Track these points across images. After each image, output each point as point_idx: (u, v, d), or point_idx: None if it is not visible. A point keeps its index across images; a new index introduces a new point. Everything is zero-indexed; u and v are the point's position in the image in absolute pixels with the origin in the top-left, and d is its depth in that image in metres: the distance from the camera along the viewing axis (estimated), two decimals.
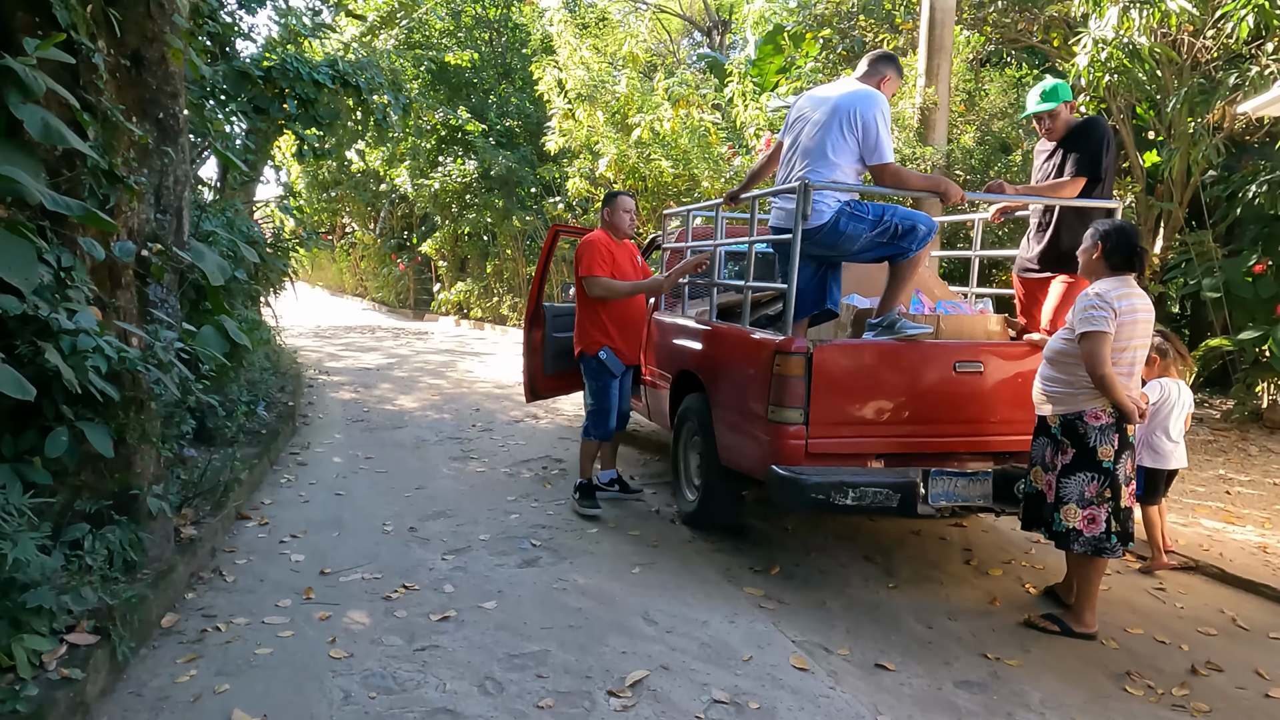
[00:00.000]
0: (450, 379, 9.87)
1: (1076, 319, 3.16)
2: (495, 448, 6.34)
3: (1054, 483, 3.28)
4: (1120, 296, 3.12)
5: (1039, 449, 3.38)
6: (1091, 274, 3.28)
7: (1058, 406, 3.26)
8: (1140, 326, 3.15)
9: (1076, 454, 3.21)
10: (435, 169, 15.41)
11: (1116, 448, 3.17)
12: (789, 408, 3.45)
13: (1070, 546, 3.23)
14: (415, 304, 20.75)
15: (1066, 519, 3.23)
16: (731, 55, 13.74)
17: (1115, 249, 3.19)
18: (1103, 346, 3.07)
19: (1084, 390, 3.18)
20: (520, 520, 4.57)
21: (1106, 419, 3.16)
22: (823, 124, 3.51)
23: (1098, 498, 3.18)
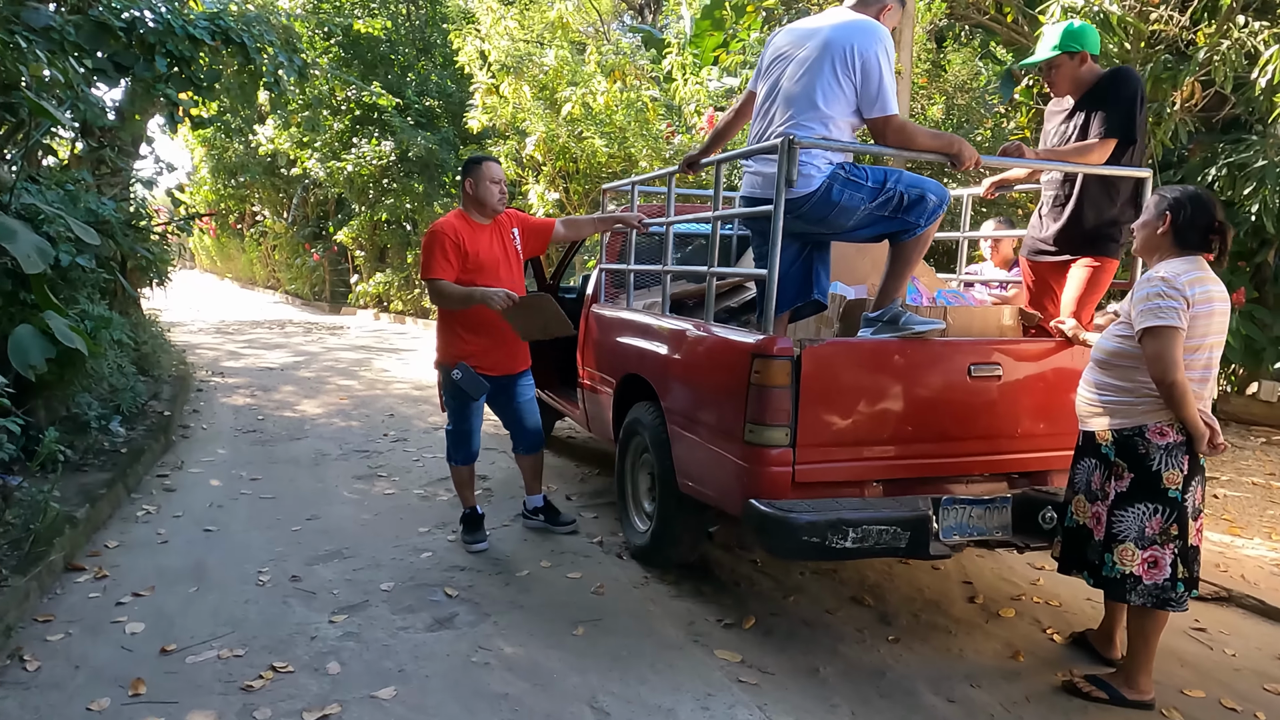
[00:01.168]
0: (363, 379, 8.87)
1: (1137, 311, 2.50)
2: (408, 463, 5.45)
3: (1104, 516, 2.63)
4: (1194, 281, 2.48)
5: (1084, 473, 2.73)
6: (1153, 252, 2.63)
7: (1114, 420, 2.60)
8: (1217, 320, 2.51)
9: (1135, 480, 2.56)
10: (349, 150, 14.22)
11: (1186, 472, 2.53)
12: (771, 426, 2.71)
13: (1125, 597, 2.58)
14: (331, 296, 19.41)
15: (1122, 562, 2.57)
16: (666, 33, 12.98)
17: (1190, 222, 2.54)
18: (1174, 346, 2.42)
19: (1146, 399, 2.53)
20: (433, 561, 3.73)
21: (1174, 436, 2.52)
22: (811, 64, 2.76)
23: (1161, 535, 2.54)
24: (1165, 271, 2.50)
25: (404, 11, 15.56)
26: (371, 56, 14.67)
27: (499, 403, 3.93)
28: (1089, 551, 2.69)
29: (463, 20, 11.56)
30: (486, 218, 3.78)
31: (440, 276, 3.58)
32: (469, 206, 3.78)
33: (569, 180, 9.92)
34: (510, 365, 3.88)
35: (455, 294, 3.55)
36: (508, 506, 4.51)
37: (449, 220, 3.72)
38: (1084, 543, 2.71)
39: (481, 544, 3.85)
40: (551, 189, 9.78)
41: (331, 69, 13.15)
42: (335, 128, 14.66)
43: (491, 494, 4.77)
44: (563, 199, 9.88)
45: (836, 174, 2.77)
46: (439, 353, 3.83)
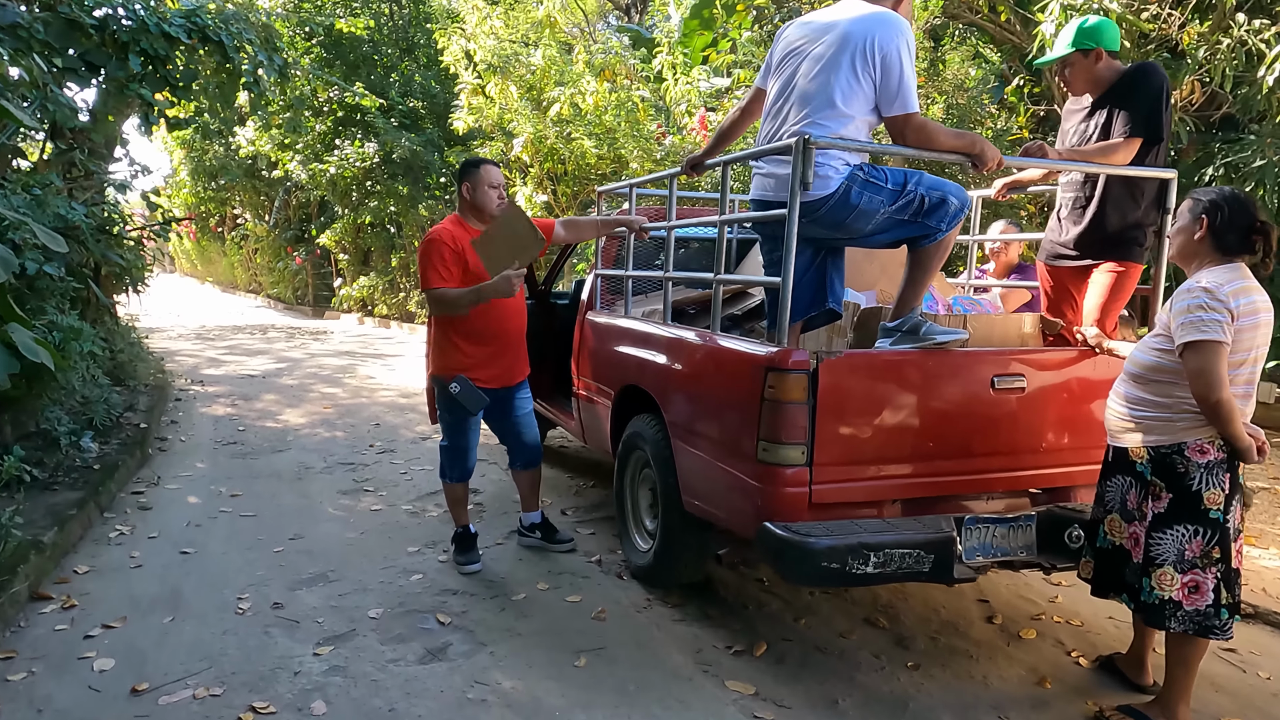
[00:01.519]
0: (348, 387, 8.65)
1: (1178, 323, 2.34)
2: (396, 476, 5.25)
3: (1142, 537, 2.48)
4: (1238, 292, 2.32)
5: (1117, 491, 2.58)
6: (1191, 260, 2.48)
7: (1149, 436, 2.45)
8: (1263, 332, 2.36)
9: (1174, 500, 2.41)
10: (331, 152, 13.98)
11: (1227, 491, 2.39)
12: (787, 444, 2.54)
13: (1165, 624, 2.43)
14: (314, 301, 19.12)
15: (1160, 587, 2.42)
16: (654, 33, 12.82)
17: (1228, 225, 2.39)
18: (1218, 361, 2.27)
19: (1185, 415, 2.39)
20: (424, 584, 3.54)
21: (1215, 453, 2.37)
22: (828, 60, 2.59)
23: (1203, 558, 2.39)
24: (1208, 281, 2.34)
25: (387, 11, 15.33)
26: (354, 57, 14.44)
27: (495, 417, 3.74)
28: (1128, 574, 2.54)
29: (447, 20, 11.35)
30: (485, 224, 3.60)
31: (439, 285, 3.39)
32: (466, 212, 3.60)
33: (557, 182, 9.74)
34: (509, 377, 3.70)
35: (461, 296, 3.35)
36: (501, 523, 4.33)
37: (445, 227, 3.53)
38: (1122, 564, 2.56)
39: (475, 565, 3.66)
40: (540, 191, 9.60)
41: (313, 70, 12.91)
42: (318, 129, 14.42)
43: (484, 510, 4.58)
44: (551, 201, 9.70)
45: (855, 175, 2.60)
46: (434, 364, 3.64)
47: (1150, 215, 3.08)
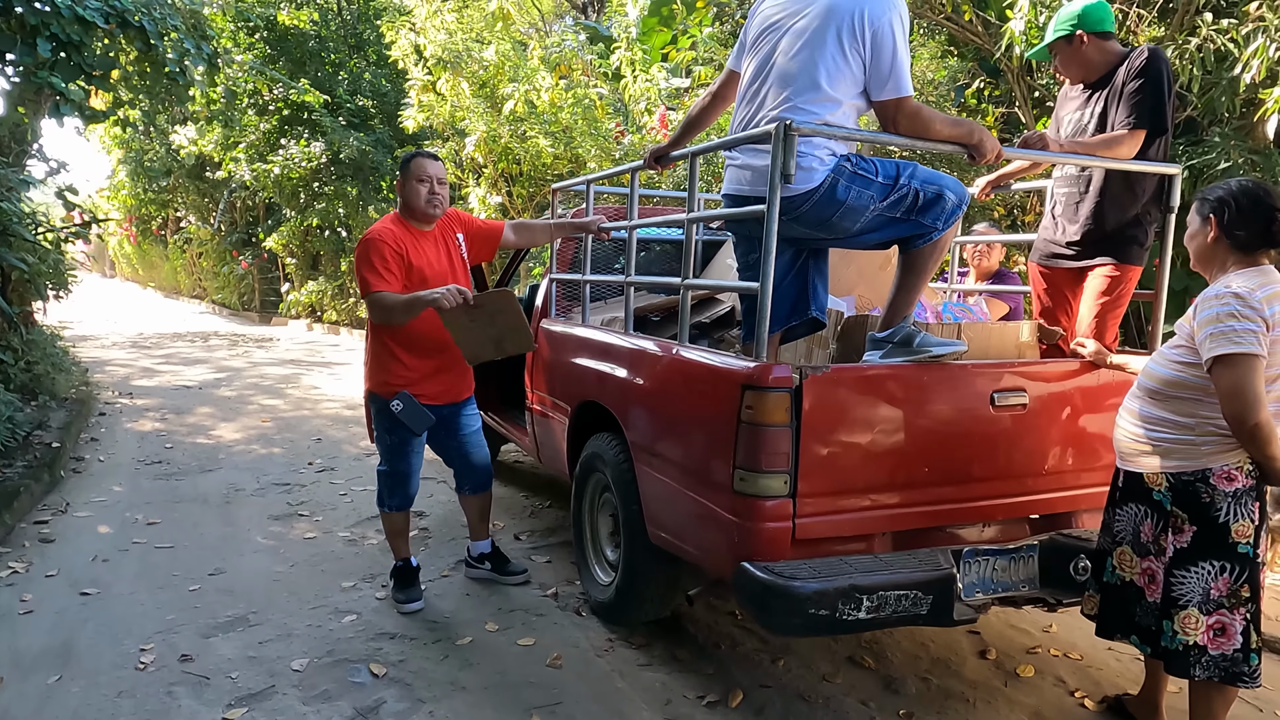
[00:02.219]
0: (290, 398, 8.16)
1: (1205, 334, 2.07)
2: (335, 498, 4.83)
3: (1160, 574, 2.22)
4: (1271, 298, 2.06)
5: (1129, 521, 2.31)
6: (1211, 265, 2.23)
7: (1168, 461, 2.19)
8: None
9: (1199, 533, 2.15)
10: (276, 152, 13.39)
11: (1256, 522, 2.13)
12: (767, 473, 2.23)
13: (1190, 672, 2.17)
14: (261, 306, 18.41)
15: (1184, 631, 2.16)
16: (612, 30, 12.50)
17: (1242, 220, 2.14)
18: (1255, 377, 2.00)
19: (1211, 438, 2.13)
20: (357, 627, 3.15)
21: (1243, 480, 2.11)
22: (811, 35, 2.29)
23: (1231, 598, 2.13)
24: (1237, 286, 2.08)
25: (334, 7, 14.78)
26: (299, 53, 13.86)
27: (440, 437, 3.37)
28: (1140, 614, 2.28)
29: (396, 14, 10.89)
30: (423, 222, 3.24)
31: (379, 289, 3.01)
32: (404, 210, 3.24)
33: (512, 183, 9.36)
34: (455, 392, 3.33)
35: (398, 303, 2.98)
36: (448, 550, 3.96)
37: (384, 226, 3.16)
38: (1132, 603, 2.30)
39: (416, 604, 3.29)
40: (494, 192, 9.21)
41: (255, 65, 12.34)
42: (262, 128, 13.81)
43: (429, 535, 4.19)
44: (505, 203, 9.31)
45: (842, 167, 2.30)
46: (370, 380, 3.26)
47: (1151, 212, 2.85)
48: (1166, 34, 6.65)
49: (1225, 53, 6.17)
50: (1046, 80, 8.31)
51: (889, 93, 2.28)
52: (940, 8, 8.66)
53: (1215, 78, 6.71)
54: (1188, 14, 6.74)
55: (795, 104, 2.29)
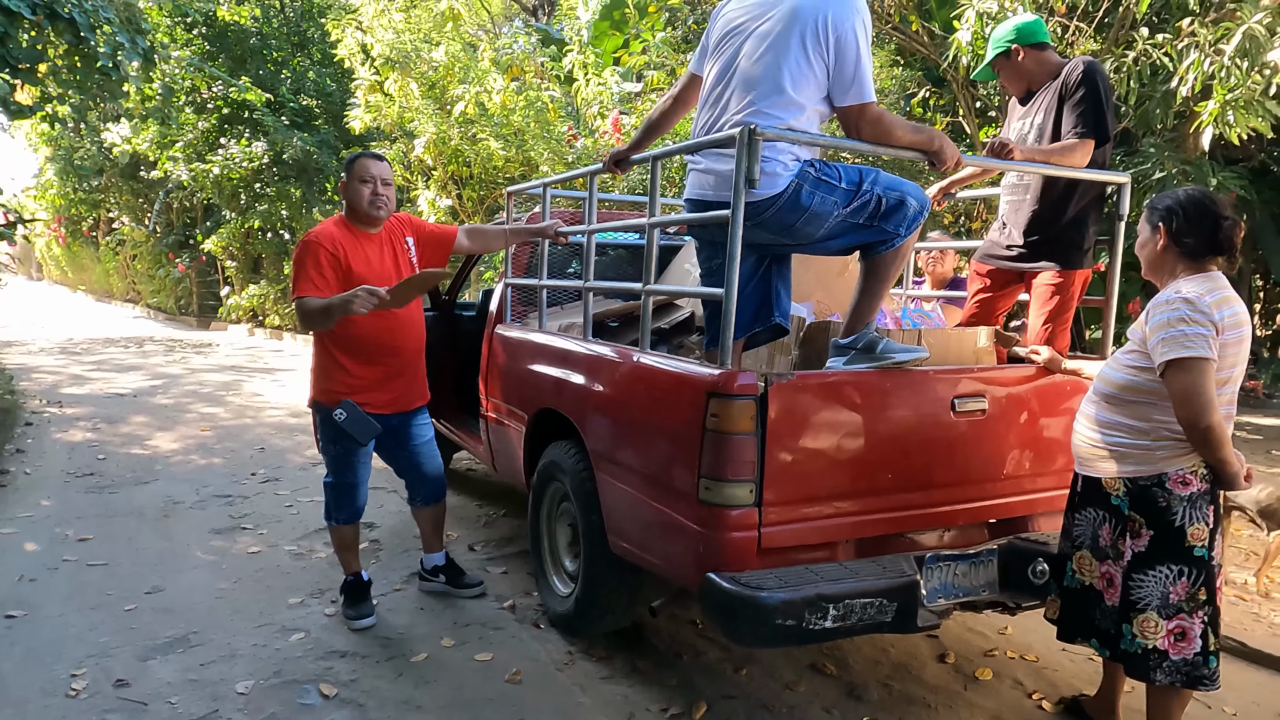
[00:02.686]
0: (231, 406, 7.89)
1: (1157, 339, 2.11)
2: (280, 509, 4.67)
3: (1118, 578, 2.25)
4: (1221, 303, 2.12)
5: (1088, 525, 2.35)
6: (1161, 273, 2.28)
7: (1125, 466, 2.22)
8: (1245, 346, 2.16)
9: (1156, 537, 2.19)
10: (216, 151, 12.98)
11: (1211, 525, 2.18)
12: (733, 482, 2.20)
13: (1150, 676, 2.20)
14: (199, 311, 17.82)
15: (1143, 634, 2.20)
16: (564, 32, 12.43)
17: (1189, 228, 2.19)
18: (1206, 381, 2.04)
19: (1166, 443, 2.17)
20: (306, 645, 3.03)
21: (1198, 484, 2.16)
22: (775, 38, 2.27)
23: (1189, 601, 2.17)
24: (1188, 292, 2.12)
25: (277, 3, 14.41)
26: (240, 50, 13.48)
27: (390, 448, 3.27)
28: (1099, 617, 2.31)
29: (342, 12, 10.65)
30: (369, 225, 3.13)
31: (307, 294, 2.90)
32: (348, 211, 3.13)
33: (463, 186, 9.22)
34: (405, 402, 3.23)
35: (316, 309, 2.85)
36: (401, 563, 3.84)
37: (325, 228, 3.05)
38: (1092, 607, 2.33)
39: (367, 619, 3.17)
40: (444, 195, 9.06)
41: (194, 62, 11.95)
42: (200, 126, 13.38)
43: (380, 547, 4.07)
44: (456, 206, 9.17)
45: (806, 173, 2.29)
46: (314, 389, 3.15)
47: (1090, 216, 2.91)
48: (1104, 47, 6.87)
49: (1160, 66, 6.39)
50: (989, 91, 8.51)
51: (852, 98, 2.27)
52: (888, 17, 8.81)
53: (1150, 90, 6.94)
54: (1124, 28, 6.97)
55: (759, 108, 2.27)
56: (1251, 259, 12.13)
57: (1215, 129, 5.52)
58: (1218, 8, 6.24)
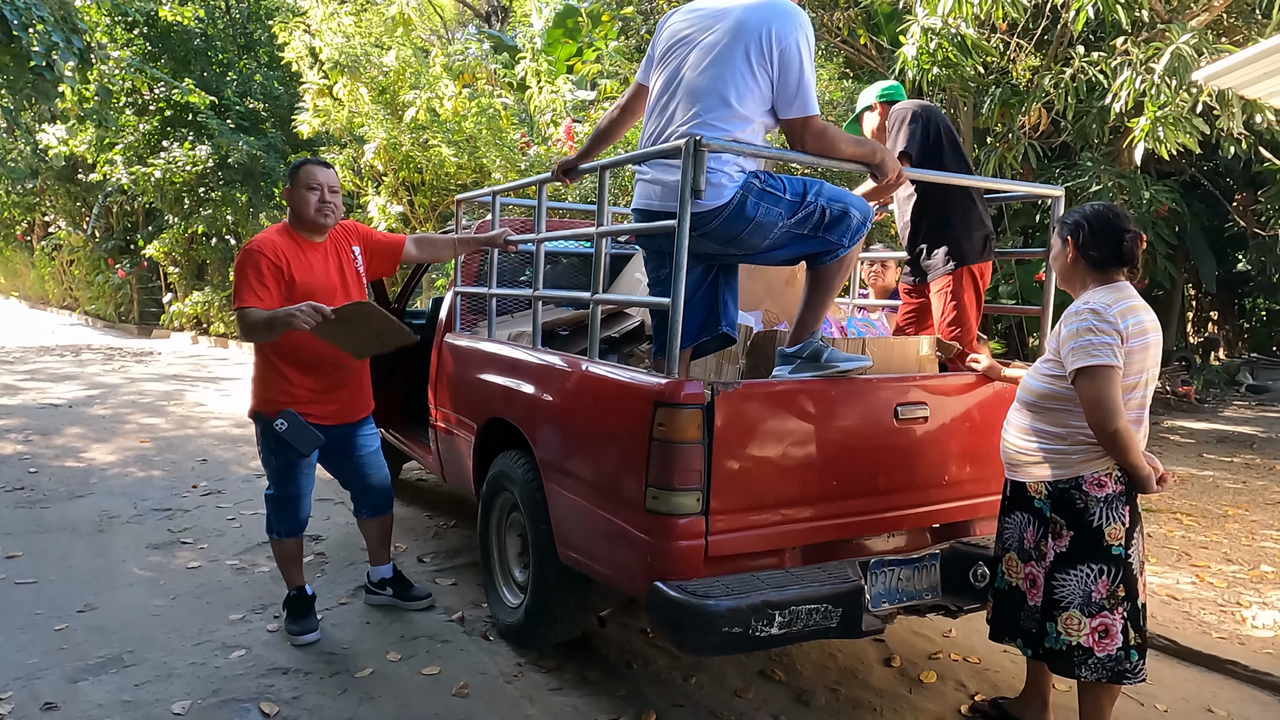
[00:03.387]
0: (173, 416, 7.67)
1: (1067, 348, 2.22)
2: (222, 523, 4.55)
3: (1041, 579, 2.34)
4: (1126, 312, 2.23)
5: (1014, 528, 2.43)
6: (1073, 283, 2.39)
7: (1045, 470, 2.32)
8: (1152, 353, 2.27)
9: (1076, 537, 2.28)
10: (157, 154, 12.64)
11: (1128, 525, 2.27)
12: (680, 490, 2.20)
13: (1075, 672, 2.28)
14: (140, 318, 17.28)
15: (1067, 632, 2.28)
16: (517, 39, 12.38)
17: (1094, 241, 2.30)
18: (1113, 388, 2.15)
19: (1081, 447, 2.26)
20: (247, 662, 2.95)
21: (1113, 486, 2.26)
22: (720, 51, 2.29)
23: (1109, 599, 2.25)
24: (1095, 303, 2.24)
25: (222, 4, 14.11)
26: (183, 51, 13.16)
27: (334, 459, 3.22)
28: (1023, 618, 2.39)
29: (290, 15, 10.47)
30: (314, 233, 3.08)
31: (249, 305, 2.84)
32: (293, 219, 3.07)
33: (414, 192, 9.12)
34: (349, 412, 3.18)
35: (259, 321, 2.79)
36: (347, 576, 3.77)
37: (267, 237, 2.99)
38: (1017, 607, 2.41)
39: (311, 635, 3.11)
40: (395, 201, 8.95)
41: (134, 62, 11.62)
42: (141, 129, 13.02)
43: (325, 560, 3.99)
44: (407, 212, 9.06)
45: (751, 184, 2.31)
46: (255, 399, 3.08)
47: (951, 218, 3.05)
48: (1043, 64, 7.08)
49: (1096, 83, 6.61)
50: (937, 103, 8.70)
51: (796, 111, 2.31)
52: (837, 31, 8.97)
53: (1087, 106, 7.18)
54: (1062, 46, 7.19)
55: (704, 120, 2.29)
56: (1184, 269, 12.63)
57: (1147, 144, 5.74)
58: (1149, 28, 6.49)
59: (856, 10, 8.65)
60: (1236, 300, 16.50)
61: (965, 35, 6.20)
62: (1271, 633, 3.40)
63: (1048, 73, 6.92)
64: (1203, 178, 10.91)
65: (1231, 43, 6.25)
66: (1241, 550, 4.49)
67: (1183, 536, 4.69)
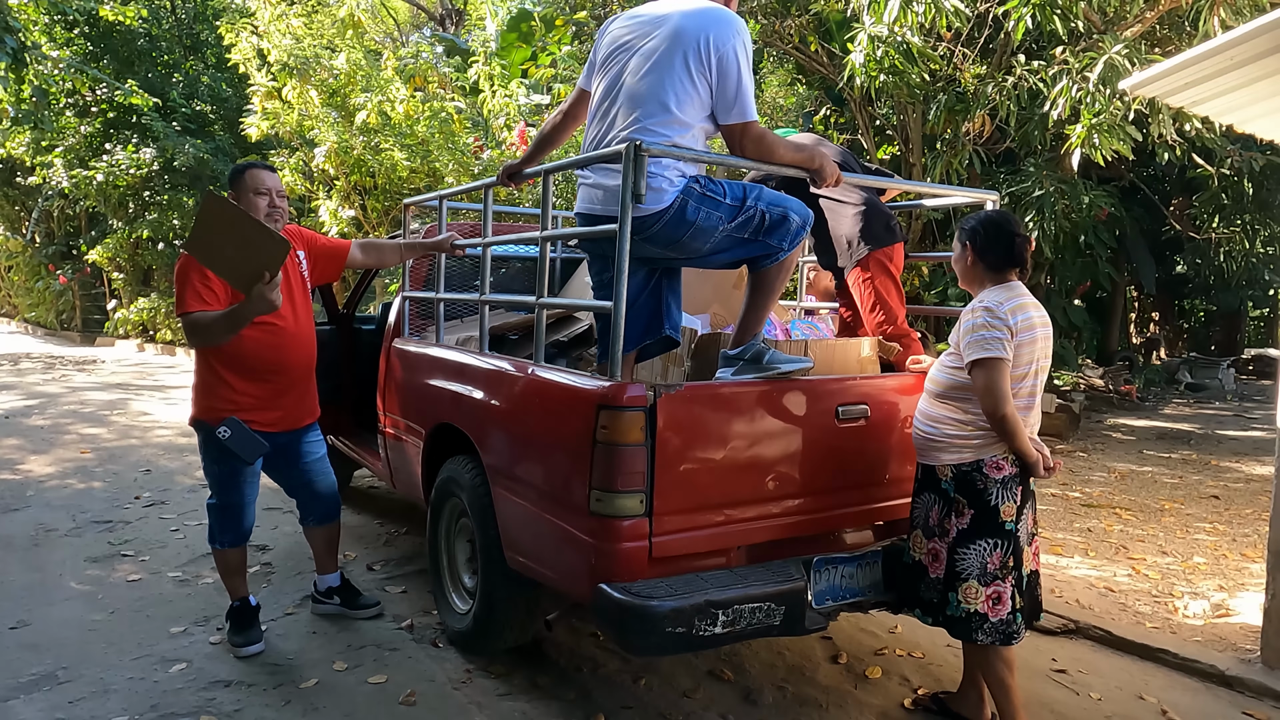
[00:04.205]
0: (115, 426, 7.47)
1: (964, 343, 2.40)
2: (165, 534, 4.44)
3: (943, 553, 2.47)
4: (1016, 309, 2.40)
5: (922, 508, 2.56)
6: (973, 284, 2.55)
7: (949, 455, 2.45)
8: (1040, 345, 2.45)
9: (975, 515, 2.43)
10: (100, 157, 12.31)
11: (1019, 503, 2.43)
12: (623, 492, 2.22)
13: (973, 636, 2.43)
14: (83, 325, 16.80)
15: (967, 600, 2.42)
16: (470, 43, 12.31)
17: (990, 245, 2.48)
18: (1002, 378, 2.33)
19: (982, 433, 2.41)
20: (188, 676, 2.89)
21: (1009, 469, 2.42)
22: (659, 57, 2.31)
23: (1001, 569, 2.42)
24: (988, 301, 2.42)
25: (167, 4, 13.80)
26: (126, 52, 12.85)
27: (279, 467, 3.17)
28: (924, 589, 2.52)
29: (237, 15, 10.28)
30: None
31: (196, 309, 2.78)
32: None
33: (366, 196, 9.00)
34: (294, 419, 3.13)
35: (212, 320, 2.74)
36: (293, 586, 3.71)
37: None
38: (919, 580, 2.54)
39: (255, 646, 3.05)
40: (346, 205, 8.83)
41: (74, 63, 11.31)
42: (83, 131, 12.68)
43: (272, 570, 3.93)
44: (359, 216, 8.95)
45: (691, 189, 2.34)
46: (196, 405, 3.01)
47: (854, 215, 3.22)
48: (987, 72, 7.25)
49: (1036, 91, 6.80)
50: (886, 110, 8.86)
51: (735, 117, 2.34)
52: (788, 38, 9.08)
53: (1029, 113, 7.37)
54: (1004, 54, 7.38)
55: (644, 125, 2.31)
56: (1126, 272, 13.03)
57: (1083, 151, 5.91)
58: (1086, 38, 6.70)
59: (807, 17, 8.79)
60: (1176, 302, 17.07)
61: (911, 43, 6.32)
62: (1201, 621, 3.52)
63: (991, 81, 7.09)
64: (1140, 183, 11.27)
65: (1164, 53, 6.47)
66: (1176, 543, 4.65)
67: (1121, 530, 4.84)
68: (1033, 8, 5.56)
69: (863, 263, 3.20)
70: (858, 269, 3.22)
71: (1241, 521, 5.10)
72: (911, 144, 8.41)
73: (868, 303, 3.22)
